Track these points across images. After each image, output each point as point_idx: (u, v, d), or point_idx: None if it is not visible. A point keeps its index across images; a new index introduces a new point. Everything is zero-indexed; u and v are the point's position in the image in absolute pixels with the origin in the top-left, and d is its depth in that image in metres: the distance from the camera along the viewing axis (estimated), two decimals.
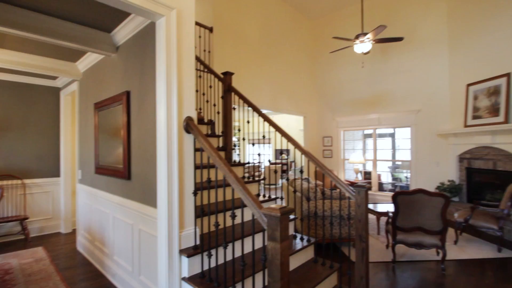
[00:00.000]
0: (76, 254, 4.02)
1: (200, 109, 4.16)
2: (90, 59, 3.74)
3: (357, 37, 5.10)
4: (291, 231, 3.05)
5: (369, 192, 7.28)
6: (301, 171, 2.86)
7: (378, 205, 5.09)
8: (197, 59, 3.75)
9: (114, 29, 3.01)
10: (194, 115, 2.29)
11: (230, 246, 2.37)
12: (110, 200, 3.23)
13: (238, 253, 2.45)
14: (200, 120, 3.46)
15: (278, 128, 3.05)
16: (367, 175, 8.00)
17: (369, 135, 7.94)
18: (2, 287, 3.03)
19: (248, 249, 2.54)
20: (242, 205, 1.83)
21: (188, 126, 2.17)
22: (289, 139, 2.96)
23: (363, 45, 5.13)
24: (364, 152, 7.96)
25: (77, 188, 4.28)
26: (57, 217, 5.11)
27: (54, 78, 4.86)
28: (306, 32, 8.17)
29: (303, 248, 2.76)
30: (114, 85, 3.20)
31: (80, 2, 2.50)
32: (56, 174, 5.09)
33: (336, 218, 3.88)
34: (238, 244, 2.44)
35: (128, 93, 2.87)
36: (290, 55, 7.42)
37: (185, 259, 2.15)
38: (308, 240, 2.89)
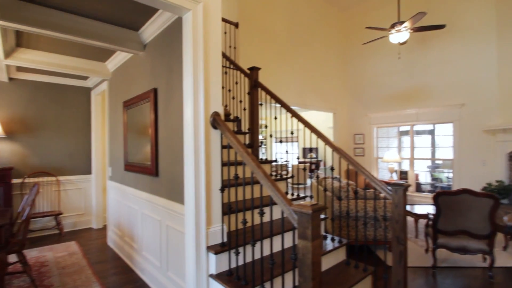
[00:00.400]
0: (106, 249, 4.13)
1: (226, 105, 4.12)
2: (118, 58, 3.81)
3: (393, 26, 4.79)
4: (321, 231, 2.91)
5: (406, 192, 6.89)
6: (332, 169, 2.72)
7: (416, 206, 4.79)
8: (223, 55, 3.70)
9: (142, 27, 3.04)
10: (220, 111, 2.23)
11: (258, 244, 2.29)
12: (139, 197, 3.26)
13: (266, 252, 2.36)
14: (227, 116, 3.41)
15: (307, 124, 2.93)
16: (403, 174, 7.56)
17: (406, 132, 7.49)
18: (39, 278, 3.15)
19: (277, 247, 2.45)
20: (271, 202, 1.74)
21: (215, 121, 2.11)
22: (319, 135, 2.83)
23: (399, 35, 4.81)
24: (400, 150, 7.51)
25: (107, 185, 4.40)
26: (89, 213, 5.30)
27: (85, 78, 5.04)
28: (336, 24, 7.88)
29: (334, 249, 2.62)
30: (141, 83, 3.23)
31: (109, 1, 2.53)
32: (88, 171, 5.27)
33: (370, 219, 3.68)
34: (266, 242, 2.35)
35: (155, 90, 2.88)
36: (319, 49, 7.19)
37: (212, 256, 2.10)
38: (340, 241, 2.75)
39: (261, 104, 3.42)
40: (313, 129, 2.88)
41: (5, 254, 2.76)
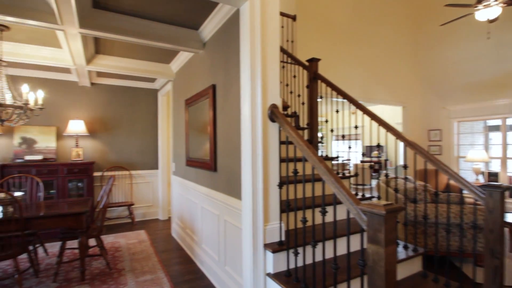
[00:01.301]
0: (171, 239, 4.38)
1: (285, 101, 4.02)
2: (181, 59, 3.99)
3: (479, 1, 4.07)
4: None
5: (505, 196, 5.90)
6: (405, 167, 2.41)
7: (509, 215, 4.04)
8: (280, 48, 3.60)
9: (201, 25, 3.11)
10: (279, 103, 2.13)
11: (319, 246, 2.13)
12: (199, 191, 3.36)
13: (328, 254, 2.19)
14: (285, 108, 3.30)
15: (374, 117, 2.65)
16: (492, 177, 6.41)
17: (495, 127, 6.36)
18: (113, 262, 3.47)
19: (340, 250, 2.26)
20: (335, 201, 1.57)
21: (273, 114, 2.02)
22: (389, 128, 2.54)
23: (488, 10, 4.05)
24: (488, 148, 6.41)
25: (171, 180, 4.67)
26: (156, 205, 5.72)
27: (152, 80, 5.44)
28: (405, 6, 7.08)
29: (409, 258, 2.32)
30: (201, 81, 3.31)
31: (172, 2, 2.63)
32: (155, 166, 5.69)
33: (453, 227, 3.20)
34: (328, 244, 2.18)
35: (214, 87, 2.92)
36: (385, 37, 6.54)
37: (269, 254, 2.01)
38: (415, 250, 2.42)
39: (321, 98, 3.23)
40: (382, 122, 2.59)
41: (86, 238, 3.09)
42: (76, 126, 4.79)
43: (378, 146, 2.70)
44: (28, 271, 3.19)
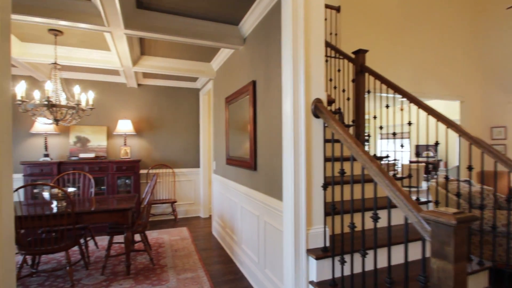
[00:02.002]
0: (211, 238, 4.40)
1: (329, 95, 3.79)
2: (221, 56, 3.98)
3: None
4: None
5: None
6: (470, 168, 2.08)
7: None
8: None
9: (241, 20, 3.03)
10: (323, 97, 1.96)
11: (369, 254, 1.92)
12: (238, 190, 3.30)
13: (381, 264, 1.97)
14: (330, 103, 3.09)
15: (432, 111, 2.34)
16: None
17: None
18: (156, 258, 3.56)
19: (394, 260, 2.02)
20: (389, 205, 1.37)
21: (317, 109, 1.85)
22: (450, 124, 2.22)
23: None
24: None
25: (212, 178, 4.70)
26: (198, 203, 5.82)
27: (194, 80, 5.54)
28: None
29: (473, 272, 2.01)
30: (241, 77, 3.24)
31: None
32: (197, 165, 5.80)
33: None
34: (381, 252, 1.96)
35: (254, 83, 2.82)
36: (439, 23, 5.92)
37: (313, 261, 1.85)
38: (480, 263, 2.09)
39: (368, 92, 2.97)
40: (442, 118, 2.28)
41: (131, 233, 3.20)
42: (124, 126, 5.04)
43: (436, 145, 2.38)
44: (79, 263, 3.40)
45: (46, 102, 2.99)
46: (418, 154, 2.65)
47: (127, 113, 5.36)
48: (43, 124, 4.59)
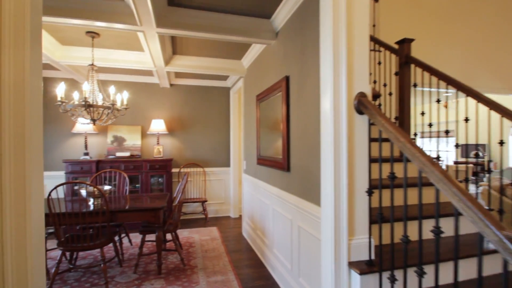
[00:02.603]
0: (241, 239, 4.30)
1: (374, 88, 3.52)
2: (252, 53, 3.85)
3: None
4: None
5: None
6: None
7: None
8: None
9: (274, 13, 2.88)
10: (368, 91, 1.75)
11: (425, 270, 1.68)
12: (270, 191, 3.16)
13: (444, 281, 1.72)
14: (375, 98, 2.83)
15: (495, 106, 2.03)
16: None
17: None
18: (187, 258, 3.53)
19: (462, 276, 1.76)
20: (456, 212, 1.14)
21: (361, 104, 1.65)
22: None
23: None
24: None
25: (242, 178, 4.61)
26: (228, 202, 5.77)
27: (225, 78, 5.48)
28: None
29: None
30: (273, 73, 3.10)
31: None
32: (227, 164, 5.75)
33: None
34: (443, 267, 1.71)
35: (287, 78, 2.66)
36: (493, 8, 5.31)
37: (356, 276, 1.65)
38: None
39: (415, 86, 2.68)
40: (507, 112, 1.96)
41: (162, 233, 3.19)
42: (158, 125, 5.11)
43: (501, 144, 2.05)
44: (114, 260, 3.46)
45: (83, 103, 3.07)
46: (477, 155, 2.33)
47: (160, 112, 5.44)
48: (82, 124, 4.79)
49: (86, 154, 4.91)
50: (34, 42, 1.35)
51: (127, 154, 5.03)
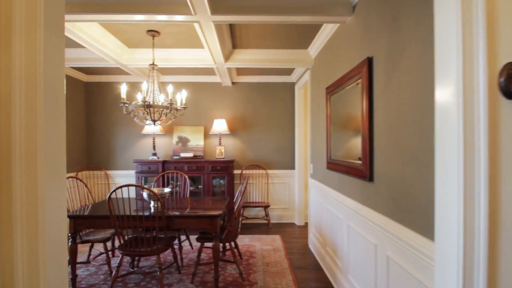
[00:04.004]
0: (307, 252, 3.79)
1: None
2: (320, 39, 3.31)
3: None
4: None
5: None
6: None
7: None
8: None
9: None
10: None
11: None
12: (343, 203, 2.58)
13: None
14: None
15: None
16: None
17: None
18: (246, 271, 3.18)
19: None
20: None
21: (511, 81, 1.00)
22: None
23: None
24: None
25: (309, 183, 4.09)
26: (292, 208, 5.30)
27: (289, 73, 5.02)
28: None
29: None
30: (348, 58, 2.52)
31: None
32: (292, 166, 5.27)
33: None
34: None
35: (369, 60, 2.07)
36: None
37: None
38: None
39: None
40: None
41: (219, 242, 2.89)
42: (219, 125, 4.94)
43: None
44: (173, 265, 3.31)
45: (142, 103, 2.97)
46: None
47: (222, 112, 5.27)
48: (148, 125, 4.89)
49: (154, 154, 5.00)
50: (51, 28, 1.10)
51: (190, 154, 4.97)
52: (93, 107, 5.27)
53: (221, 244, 3.35)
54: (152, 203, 3.12)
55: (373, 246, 2.00)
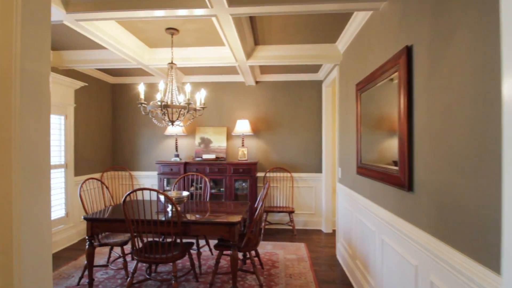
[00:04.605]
0: (335, 264, 3.49)
1: None
2: (350, 30, 3.01)
3: None
4: None
5: None
6: None
7: None
8: None
9: None
10: None
11: None
12: (376, 214, 2.28)
13: None
14: None
15: None
16: None
17: None
18: (267, 282, 2.95)
19: None
20: None
21: None
22: None
23: None
24: None
25: (337, 188, 3.78)
26: (319, 214, 4.98)
27: (316, 70, 4.73)
28: None
29: None
30: (382, 50, 2.22)
31: None
32: (318, 169, 4.97)
33: None
34: None
35: (408, 50, 1.77)
36: None
37: None
38: None
39: None
40: None
41: (237, 251, 2.70)
42: (242, 126, 4.76)
43: None
44: (191, 272, 3.17)
45: (159, 103, 2.86)
46: None
47: (245, 112, 5.10)
48: (169, 126, 4.84)
49: (177, 155, 4.95)
50: (32, 16, 0.96)
51: (212, 156, 4.85)
52: (119, 109, 5.34)
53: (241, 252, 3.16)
54: (169, 207, 3.00)
55: (413, 267, 1.69)
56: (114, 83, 5.32)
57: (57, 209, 4.07)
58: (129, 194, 2.51)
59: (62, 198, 4.16)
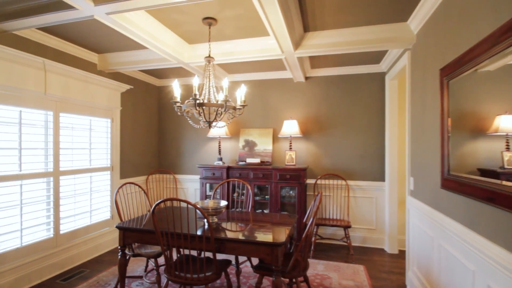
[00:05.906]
0: None
1: None
2: (427, 6, 2.32)
3: None
4: None
5: None
6: None
7: None
8: None
9: None
10: None
11: None
12: (477, 247, 1.60)
13: None
14: None
15: None
16: None
17: None
18: None
19: None
20: None
21: None
22: None
23: None
24: None
25: (407, 202, 3.05)
26: (381, 230, 4.22)
27: (377, 61, 4.02)
28: None
29: None
30: (489, 15, 1.54)
31: None
32: (381, 178, 4.21)
33: None
34: None
35: None
36: None
37: None
38: None
39: None
40: None
41: (280, 278, 2.21)
42: (290, 127, 4.27)
43: None
44: None
45: (193, 101, 2.52)
46: None
47: (293, 112, 4.59)
48: (211, 128, 4.56)
49: (220, 159, 4.65)
50: None
51: (257, 160, 4.43)
52: (164, 111, 5.26)
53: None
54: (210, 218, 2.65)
55: None
56: (160, 85, 5.25)
57: (103, 212, 4.04)
58: (158, 204, 2.20)
59: (107, 200, 4.13)
